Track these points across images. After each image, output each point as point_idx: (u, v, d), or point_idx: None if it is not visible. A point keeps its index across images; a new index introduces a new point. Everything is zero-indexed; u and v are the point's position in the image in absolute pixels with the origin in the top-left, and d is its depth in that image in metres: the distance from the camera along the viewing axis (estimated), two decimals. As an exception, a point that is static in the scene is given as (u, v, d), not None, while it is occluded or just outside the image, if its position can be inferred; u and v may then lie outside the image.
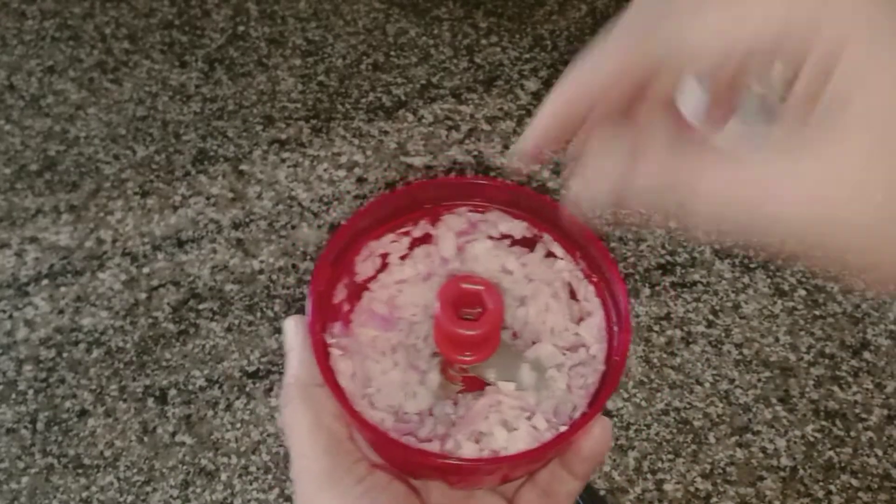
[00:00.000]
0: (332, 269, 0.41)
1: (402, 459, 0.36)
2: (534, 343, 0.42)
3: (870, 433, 0.50)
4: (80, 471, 0.49)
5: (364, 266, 0.43)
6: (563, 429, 0.37)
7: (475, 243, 0.44)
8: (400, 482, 0.36)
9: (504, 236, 0.45)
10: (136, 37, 0.65)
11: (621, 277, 0.39)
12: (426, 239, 0.45)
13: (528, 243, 0.45)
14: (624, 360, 0.38)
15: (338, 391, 0.38)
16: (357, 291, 0.44)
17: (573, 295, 0.43)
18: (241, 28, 0.66)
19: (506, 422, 0.38)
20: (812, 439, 0.50)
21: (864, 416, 0.50)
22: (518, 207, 0.43)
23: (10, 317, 0.54)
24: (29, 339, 0.53)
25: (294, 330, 0.39)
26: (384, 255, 0.44)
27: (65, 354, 0.53)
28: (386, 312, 0.42)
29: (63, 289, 0.55)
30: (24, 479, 0.49)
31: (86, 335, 0.53)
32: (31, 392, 0.51)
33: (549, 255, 0.44)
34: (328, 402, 0.37)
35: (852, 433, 0.50)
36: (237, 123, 0.61)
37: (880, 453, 0.49)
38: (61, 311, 0.54)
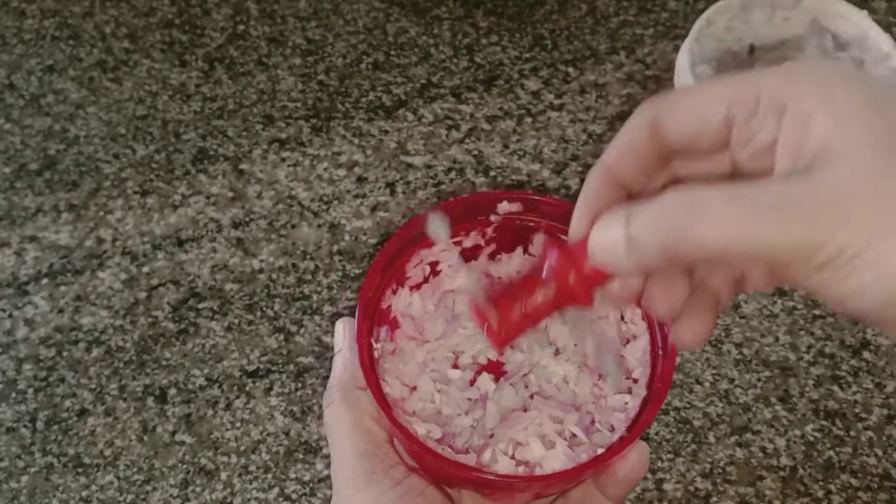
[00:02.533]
0: (381, 275, 0.41)
1: (436, 468, 0.36)
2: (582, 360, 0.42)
3: (869, 433, 0.50)
4: (79, 470, 0.49)
5: (415, 272, 0.43)
6: (599, 451, 0.37)
7: (511, 256, 0.44)
8: (435, 488, 0.36)
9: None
10: (136, 36, 0.65)
11: None
12: (476, 250, 0.45)
13: None
14: (667, 386, 0.37)
15: (379, 395, 0.38)
16: (407, 297, 0.44)
17: (623, 314, 0.43)
18: (241, 27, 0.66)
19: (544, 436, 0.37)
20: (812, 439, 0.50)
21: (863, 415, 0.50)
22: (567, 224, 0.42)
23: (10, 316, 0.54)
24: (29, 338, 0.53)
25: (342, 332, 0.40)
26: (434, 264, 0.44)
27: (64, 353, 0.53)
28: (432, 318, 0.42)
29: (63, 288, 0.55)
30: (24, 478, 0.49)
31: (86, 334, 0.53)
32: (30, 391, 0.51)
33: None
34: (369, 405, 0.37)
35: (852, 433, 0.50)
36: (237, 122, 0.61)
37: (880, 453, 0.49)
38: (61, 311, 0.54)
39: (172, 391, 0.51)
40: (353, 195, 0.58)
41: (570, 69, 0.63)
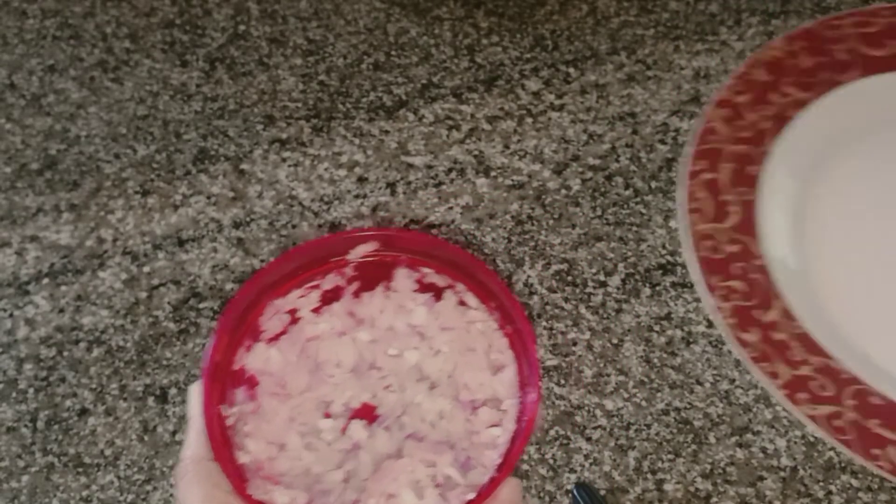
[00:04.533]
0: (230, 335, 0.39)
1: None
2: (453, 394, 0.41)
3: (870, 433, 0.50)
4: (80, 469, 0.49)
5: (271, 324, 0.42)
6: (470, 495, 0.37)
7: (373, 294, 0.43)
8: None
9: (417, 283, 0.43)
10: (137, 36, 0.65)
11: (533, 332, 0.38)
12: (337, 291, 0.44)
13: (438, 291, 0.44)
14: (532, 421, 0.37)
15: (230, 469, 0.36)
16: (263, 353, 0.42)
17: (490, 345, 0.42)
18: (242, 27, 0.66)
19: (417, 482, 0.37)
20: (812, 439, 0.50)
21: (864, 416, 0.50)
22: (431, 257, 0.42)
23: (11, 315, 0.54)
24: (29, 337, 0.53)
25: (196, 398, 0.38)
26: (292, 311, 0.42)
27: (65, 353, 0.53)
28: (294, 371, 0.40)
29: (64, 287, 0.55)
30: (25, 478, 0.49)
31: (86, 334, 0.53)
32: (31, 391, 0.51)
33: (462, 303, 0.43)
34: (223, 479, 0.35)
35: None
36: (238, 123, 0.61)
37: (880, 454, 0.49)
38: (62, 310, 0.54)
39: (173, 391, 0.51)
40: (353, 195, 0.58)
41: (571, 69, 0.63)
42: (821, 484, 0.49)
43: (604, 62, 0.64)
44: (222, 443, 0.36)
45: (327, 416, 0.39)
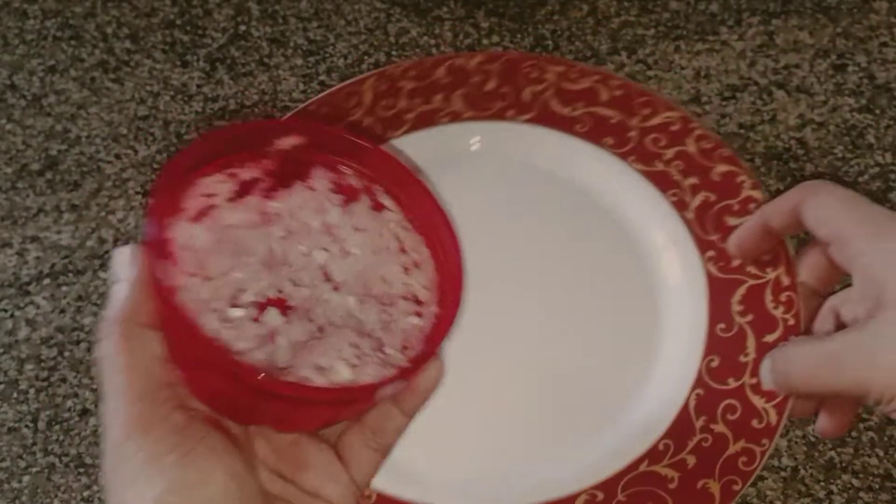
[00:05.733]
0: (165, 202, 0.37)
1: (225, 385, 0.34)
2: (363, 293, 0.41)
3: (871, 433, 0.50)
4: (81, 470, 0.49)
5: (193, 203, 0.40)
6: (404, 363, 0.36)
7: (294, 192, 0.42)
8: (219, 434, 0.34)
9: (334, 183, 0.43)
10: (138, 36, 0.66)
11: (449, 222, 0.38)
12: (255, 183, 0.43)
13: (354, 192, 0.43)
14: (458, 298, 0.37)
15: (171, 301, 0.34)
16: (187, 230, 0.41)
17: (403, 245, 0.42)
18: (243, 28, 0.66)
19: (346, 360, 0.36)
20: (813, 439, 0.50)
21: (865, 416, 0.50)
22: (349, 157, 0.42)
23: (12, 316, 0.54)
24: (30, 338, 0.53)
25: (124, 262, 0.36)
26: (210, 195, 0.41)
27: (66, 354, 0.53)
28: (214, 254, 0.39)
29: (64, 288, 0.55)
30: (26, 479, 0.49)
31: (87, 334, 0.53)
32: (32, 391, 0.51)
33: (378, 206, 0.43)
34: (150, 345, 0.34)
35: (853, 433, 0.50)
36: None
37: (881, 453, 0.49)
38: (63, 311, 0.54)
39: (174, 391, 0.51)
40: (354, 195, 0.58)
41: (572, 69, 0.63)
42: (822, 484, 0.49)
43: (604, 62, 0.64)
44: (166, 290, 0.34)
45: (236, 306, 0.37)
